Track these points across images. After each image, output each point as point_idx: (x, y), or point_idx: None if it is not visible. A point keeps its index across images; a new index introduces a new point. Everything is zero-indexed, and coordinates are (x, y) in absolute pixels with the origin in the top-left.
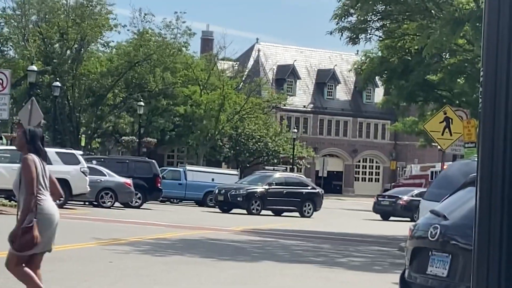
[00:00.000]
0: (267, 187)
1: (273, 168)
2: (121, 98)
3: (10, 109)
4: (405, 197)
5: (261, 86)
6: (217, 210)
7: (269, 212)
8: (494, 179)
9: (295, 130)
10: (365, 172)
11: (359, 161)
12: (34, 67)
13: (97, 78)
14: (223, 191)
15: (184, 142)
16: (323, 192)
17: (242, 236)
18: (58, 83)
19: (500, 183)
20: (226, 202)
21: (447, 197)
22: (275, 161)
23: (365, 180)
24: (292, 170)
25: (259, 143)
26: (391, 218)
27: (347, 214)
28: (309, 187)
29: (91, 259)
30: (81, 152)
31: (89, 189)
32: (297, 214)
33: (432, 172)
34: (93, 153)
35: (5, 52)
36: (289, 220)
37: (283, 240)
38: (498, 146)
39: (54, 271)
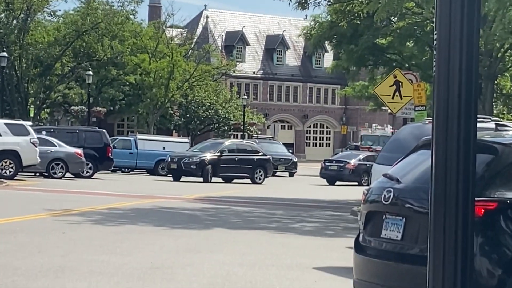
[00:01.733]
0: (219, 154)
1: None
2: (69, 68)
3: None
4: (353, 161)
5: (210, 53)
6: (169, 178)
7: (221, 180)
8: (449, 138)
9: (245, 97)
10: (316, 137)
11: (310, 127)
12: None
13: (44, 48)
14: (176, 159)
15: (134, 111)
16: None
17: (195, 204)
18: (5, 54)
19: (455, 143)
20: (179, 170)
21: (400, 161)
22: (226, 128)
23: (316, 146)
24: (243, 137)
25: (209, 111)
26: (338, 182)
27: (298, 180)
28: (260, 154)
29: (43, 231)
30: (30, 123)
31: (39, 160)
32: (248, 180)
33: None
34: (42, 124)
35: None
36: (241, 187)
37: (236, 207)
38: (453, 107)
39: (7, 243)
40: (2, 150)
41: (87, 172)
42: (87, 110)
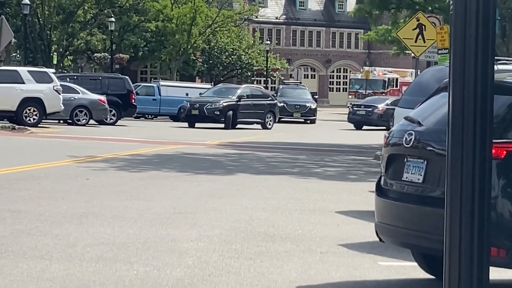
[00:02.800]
0: (237, 99)
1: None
2: (92, 15)
3: None
4: (381, 106)
5: None
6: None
7: (240, 126)
8: (466, 80)
9: (268, 42)
10: (339, 82)
11: (333, 72)
12: None
13: None
14: (197, 105)
15: (157, 57)
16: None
17: (218, 150)
18: (27, 1)
19: (472, 86)
20: (201, 116)
21: (421, 104)
22: (249, 74)
23: (339, 91)
24: (266, 83)
25: (232, 56)
26: (365, 127)
27: (322, 126)
28: (269, 98)
29: (67, 177)
30: (53, 70)
31: (62, 107)
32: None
33: None
34: (65, 71)
35: None
36: (265, 133)
37: (258, 152)
38: (470, 47)
39: (30, 189)
40: (26, 98)
41: (111, 119)
42: (110, 57)
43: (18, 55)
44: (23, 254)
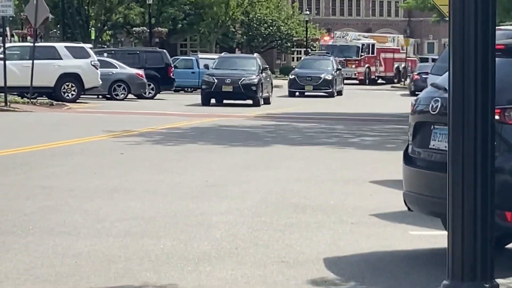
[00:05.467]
0: (260, 71)
1: None
2: None
3: (18, 5)
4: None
5: None
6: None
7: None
8: (466, 43)
9: (307, 12)
10: None
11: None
12: None
13: None
14: (229, 80)
15: (196, 30)
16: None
17: (255, 122)
18: None
19: (472, 47)
20: (236, 93)
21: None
22: (289, 44)
23: None
24: (306, 53)
25: (271, 27)
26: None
27: (361, 94)
28: (268, 68)
29: (102, 152)
30: (90, 46)
31: (101, 82)
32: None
33: None
34: (105, 46)
35: None
36: (304, 102)
37: (296, 123)
38: (469, 9)
39: (64, 165)
40: (64, 74)
41: (149, 93)
42: (148, 31)
43: (57, 31)
44: (50, 230)
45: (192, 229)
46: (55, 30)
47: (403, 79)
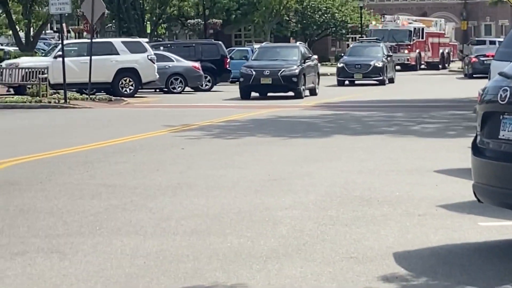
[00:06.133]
0: (303, 61)
1: None
2: None
3: (75, 2)
4: None
5: None
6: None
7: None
8: None
9: None
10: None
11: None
12: None
13: None
14: (267, 71)
15: (250, 20)
16: None
17: (314, 111)
18: None
19: None
20: (275, 86)
21: None
22: (343, 31)
23: None
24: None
25: (326, 15)
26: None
27: (414, 80)
28: (313, 57)
29: (162, 147)
30: (147, 40)
31: (158, 76)
32: (369, 83)
33: None
34: (160, 39)
35: None
36: (361, 90)
37: (355, 112)
38: None
39: (126, 162)
40: (121, 69)
41: (206, 85)
42: (203, 22)
43: (112, 26)
44: (117, 230)
45: (258, 225)
46: (110, 25)
47: (447, 65)
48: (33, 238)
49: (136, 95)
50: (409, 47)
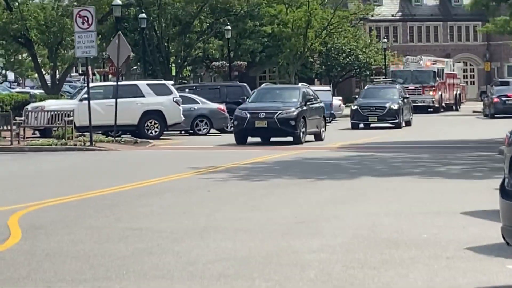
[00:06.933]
0: (303, 103)
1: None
2: (208, 24)
3: (100, 45)
4: None
5: None
6: None
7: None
8: None
9: (385, 40)
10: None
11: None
12: (119, 1)
13: (182, 6)
14: (263, 114)
15: (274, 62)
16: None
17: (339, 153)
18: (144, 15)
19: None
20: (271, 130)
21: None
22: (367, 73)
23: None
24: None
25: (350, 57)
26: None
27: (445, 121)
28: (319, 100)
29: (189, 190)
30: (172, 82)
31: (183, 118)
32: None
33: None
34: (185, 82)
35: None
36: (384, 132)
37: (380, 153)
38: None
39: (153, 205)
40: (147, 111)
41: (231, 126)
42: (228, 64)
43: (138, 69)
44: (144, 274)
45: (285, 269)
46: (136, 68)
47: (458, 106)
48: (60, 282)
49: (161, 137)
50: (433, 88)
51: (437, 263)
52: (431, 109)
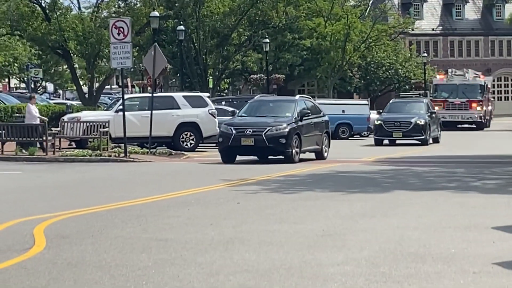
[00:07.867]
0: (299, 119)
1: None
2: (246, 37)
3: (137, 57)
4: None
5: (387, 12)
6: (350, 142)
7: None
8: None
9: (425, 54)
10: (501, 91)
11: (494, 81)
12: (156, 13)
13: (220, 19)
14: (250, 131)
15: (313, 75)
16: None
17: (374, 167)
18: (182, 27)
19: None
20: (260, 148)
21: None
22: (407, 87)
23: (501, 100)
24: (425, 95)
25: (389, 71)
26: None
27: (486, 136)
28: (322, 114)
29: (218, 202)
30: (208, 94)
31: (218, 130)
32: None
33: None
34: (224, 94)
35: (128, 0)
36: (422, 147)
37: (415, 167)
38: None
39: (180, 216)
40: (182, 123)
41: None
42: (266, 77)
43: (176, 81)
44: (164, 285)
45: (307, 282)
46: (174, 80)
47: (488, 123)
48: None
49: (196, 150)
50: (481, 103)
51: (463, 278)
52: (474, 125)
